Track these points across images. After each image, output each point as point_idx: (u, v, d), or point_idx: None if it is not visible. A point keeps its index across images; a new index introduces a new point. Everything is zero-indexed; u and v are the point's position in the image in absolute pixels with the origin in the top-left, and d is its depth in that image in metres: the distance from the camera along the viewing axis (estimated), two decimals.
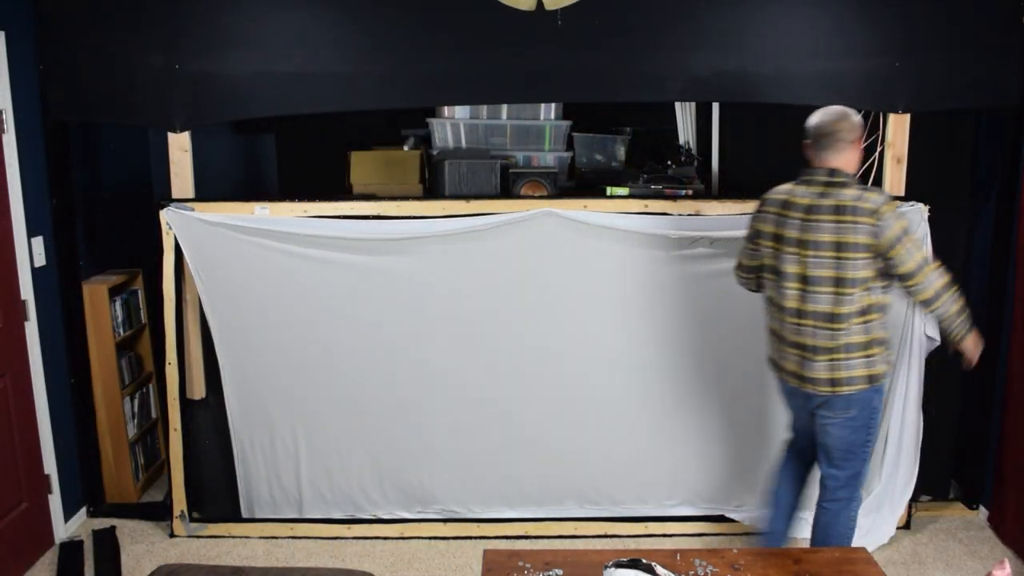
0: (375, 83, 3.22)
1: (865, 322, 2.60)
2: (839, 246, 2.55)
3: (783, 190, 2.72)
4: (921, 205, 3.15)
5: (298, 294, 3.25)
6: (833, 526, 2.80)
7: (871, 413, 2.70)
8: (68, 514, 3.46)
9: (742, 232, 3.16)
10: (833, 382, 2.63)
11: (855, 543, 3.24)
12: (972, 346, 2.69)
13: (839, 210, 2.56)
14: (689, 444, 3.42)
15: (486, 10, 3.13)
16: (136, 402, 3.83)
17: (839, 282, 2.57)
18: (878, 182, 3.36)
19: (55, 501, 3.38)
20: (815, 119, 2.65)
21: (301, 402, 3.36)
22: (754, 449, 3.42)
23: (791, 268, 2.65)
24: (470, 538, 3.42)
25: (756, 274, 2.85)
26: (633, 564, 2.15)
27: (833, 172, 2.61)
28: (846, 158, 2.62)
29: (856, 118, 2.64)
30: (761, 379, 3.34)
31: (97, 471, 3.63)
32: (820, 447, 2.79)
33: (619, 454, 3.41)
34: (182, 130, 3.20)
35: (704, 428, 3.40)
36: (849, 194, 2.57)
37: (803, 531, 3.40)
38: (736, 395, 3.37)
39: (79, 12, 3.16)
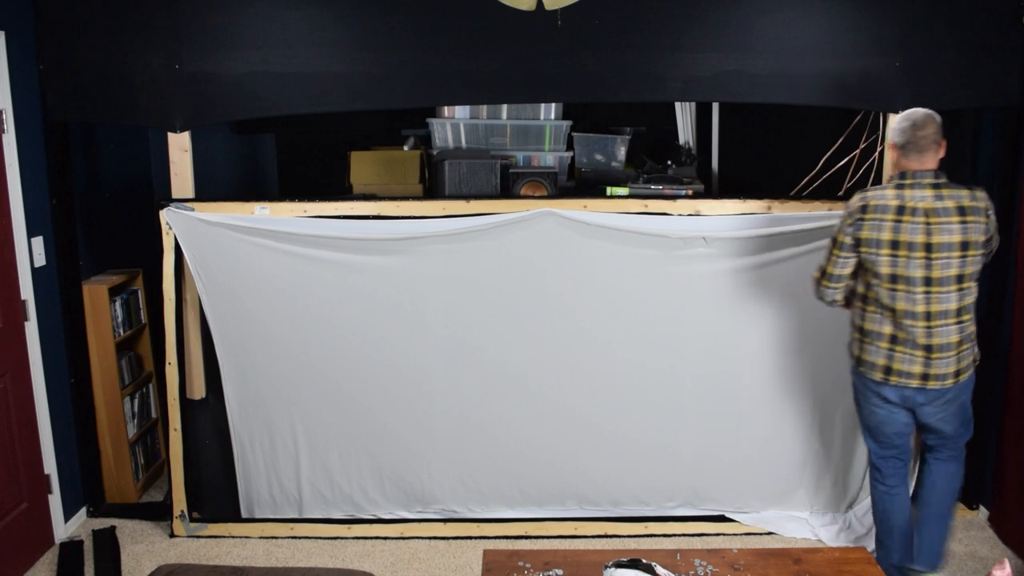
0: (375, 83, 3.22)
1: (973, 310, 2.75)
2: (965, 245, 2.66)
3: (889, 195, 2.71)
4: None
5: (298, 294, 3.25)
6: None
7: (973, 388, 2.85)
8: (68, 514, 3.47)
9: (740, 232, 3.17)
10: (957, 373, 2.74)
11: (855, 543, 3.25)
12: None
13: (962, 211, 2.66)
14: (689, 444, 3.41)
15: (486, 10, 3.13)
16: (136, 402, 3.83)
17: (960, 279, 2.68)
18: (878, 182, 3.36)
19: (55, 501, 3.38)
20: (907, 124, 2.69)
21: (301, 402, 3.36)
22: (755, 449, 3.42)
23: (918, 272, 2.68)
24: (470, 538, 3.42)
25: (846, 282, 2.84)
26: (633, 564, 2.16)
27: (937, 174, 2.70)
28: (938, 158, 2.73)
29: (938, 118, 2.73)
30: (761, 378, 3.34)
31: (97, 471, 3.63)
32: (933, 435, 2.87)
33: (619, 454, 3.41)
34: (182, 130, 3.21)
35: (704, 428, 3.39)
36: (964, 194, 2.68)
37: (802, 531, 3.41)
38: (736, 394, 3.36)
39: (79, 12, 3.17)
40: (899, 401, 2.80)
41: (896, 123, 2.70)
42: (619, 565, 2.16)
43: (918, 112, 2.71)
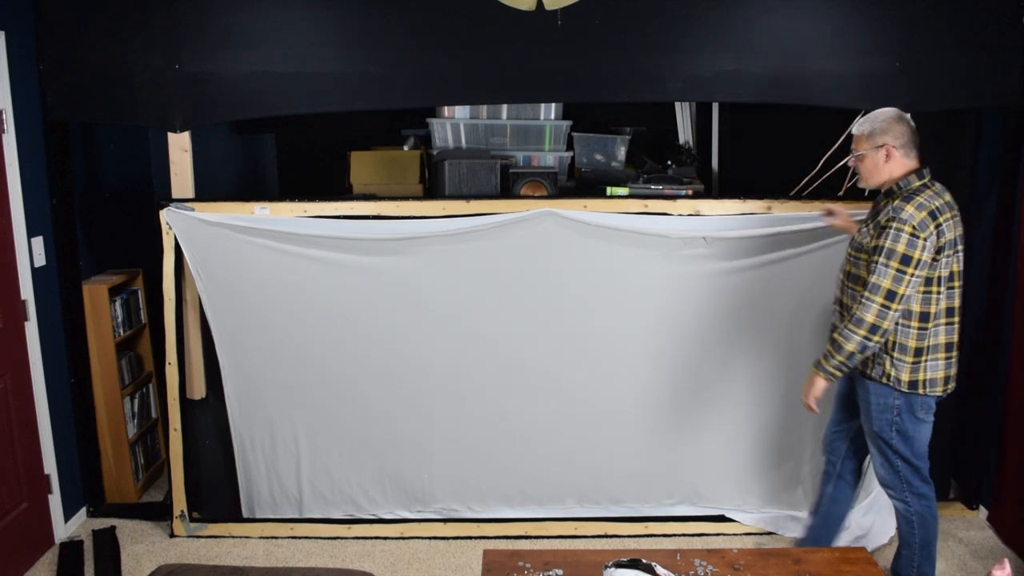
0: (375, 83, 3.22)
1: None
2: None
3: (938, 191, 2.62)
4: None
5: (298, 294, 3.25)
6: None
7: None
8: (68, 514, 3.47)
9: (740, 232, 3.17)
10: None
11: (855, 543, 3.25)
12: None
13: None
14: (689, 443, 3.41)
15: (486, 10, 3.13)
16: (136, 402, 3.83)
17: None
18: None
19: (55, 501, 3.38)
20: (904, 124, 2.64)
21: (301, 402, 3.36)
22: (755, 448, 3.42)
23: (958, 267, 2.64)
24: (470, 538, 3.42)
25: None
26: (633, 564, 2.16)
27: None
28: None
29: None
30: (761, 378, 3.34)
31: (97, 471, 3.63)
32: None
33: (619, 453, 3.41)
34: (182, 130, 3.20)
35: (704, 427, 3.40)
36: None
37: (802, 531, 3.41)
38: (736, 394, 3.37)
39: (79, 12, 3.17)
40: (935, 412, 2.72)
41: (886, 124, 2.63)
42: (619, 565, 2.16)
43: (896, 111, 2.67)
